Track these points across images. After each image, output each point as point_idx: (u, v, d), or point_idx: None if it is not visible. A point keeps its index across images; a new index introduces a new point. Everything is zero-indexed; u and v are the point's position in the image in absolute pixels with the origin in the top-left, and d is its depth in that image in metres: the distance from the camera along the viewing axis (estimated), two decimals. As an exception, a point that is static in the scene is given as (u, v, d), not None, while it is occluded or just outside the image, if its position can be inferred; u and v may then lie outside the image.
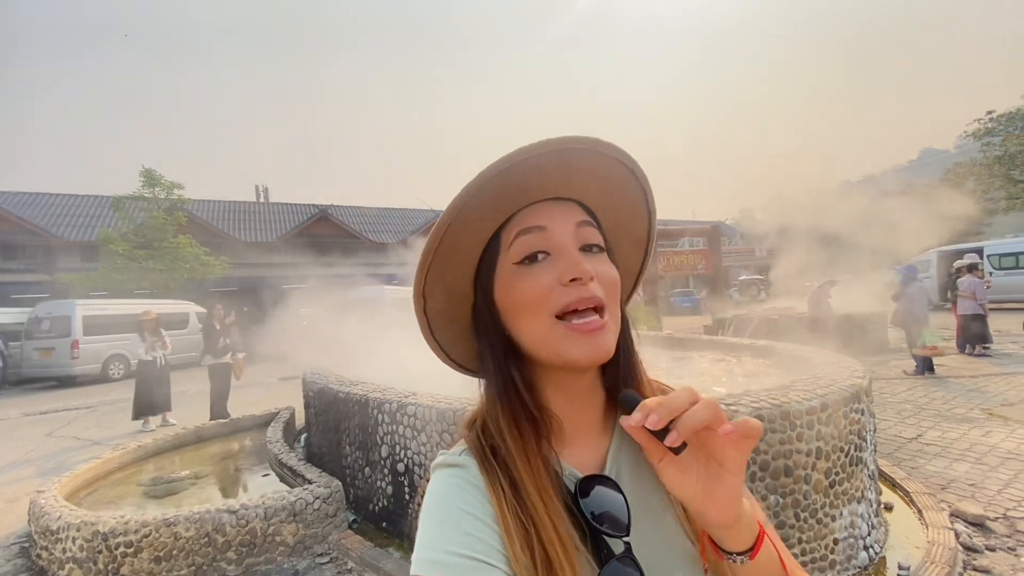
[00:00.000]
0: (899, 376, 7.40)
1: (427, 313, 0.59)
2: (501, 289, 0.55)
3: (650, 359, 3.91)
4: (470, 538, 0.47)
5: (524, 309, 0.53)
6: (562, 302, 0.51)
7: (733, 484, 0.45)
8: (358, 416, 3.54)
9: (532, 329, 0.53)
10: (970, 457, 4.11)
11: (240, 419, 6.12)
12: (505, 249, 0.55)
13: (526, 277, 0.53)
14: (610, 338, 0.52)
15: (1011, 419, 4.98)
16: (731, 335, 9.60)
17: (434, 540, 0.47)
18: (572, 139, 0.51)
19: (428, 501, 0.51)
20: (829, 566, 2.51)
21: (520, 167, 0.51)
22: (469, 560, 0.45)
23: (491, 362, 0.57)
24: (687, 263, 13.83)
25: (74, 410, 9.27)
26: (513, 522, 0.48)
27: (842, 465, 2.59)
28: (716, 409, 0.44)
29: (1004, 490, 3.51)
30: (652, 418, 0.43)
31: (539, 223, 0.54)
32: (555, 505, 0.50)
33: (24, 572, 3.26)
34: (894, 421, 5.19)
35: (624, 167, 0.56)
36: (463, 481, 0.52)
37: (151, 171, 18.52)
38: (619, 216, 0.60)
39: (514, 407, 0.54)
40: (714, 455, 0.45)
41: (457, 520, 0.48)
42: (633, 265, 0.66)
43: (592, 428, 0.58)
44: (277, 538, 3.12)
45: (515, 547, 0.47)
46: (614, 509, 0.50)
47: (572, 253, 0.52)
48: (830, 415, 2.54)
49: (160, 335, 7.29)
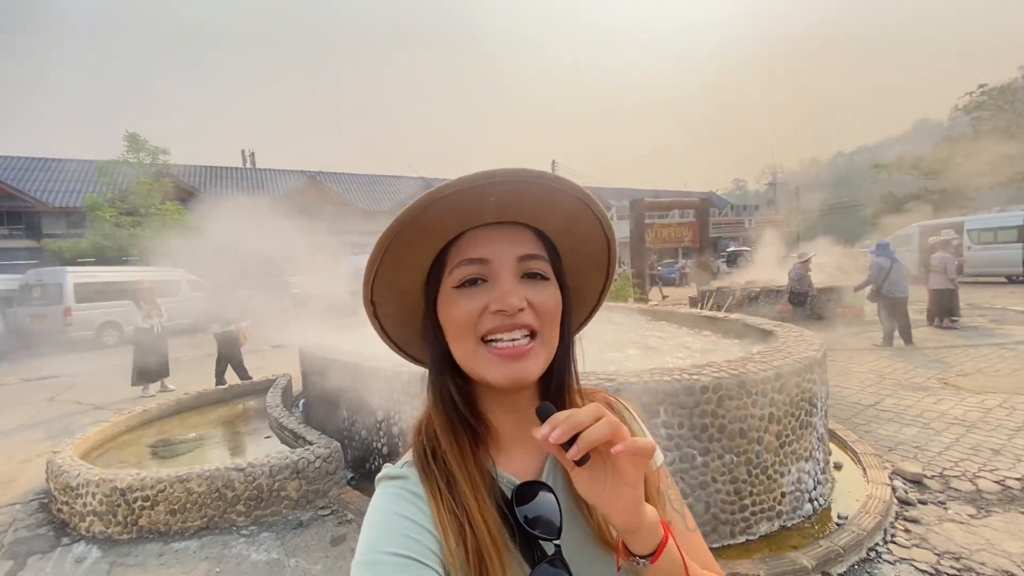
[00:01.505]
0: (868, 347, 7.79)
1: (378, 317, 0.62)
2: (442, 306, 0.58)
3: (632, 330, 4.20)
4: (405, 539, 0.50)
5: (455, 330, 0.57)
6: (486, 327, 0.55)
7: (631, 496, 0.48)
8: (354, 383, 3.79)
9: (460, 349, 0.57)
10: (919, 422, 4.48)
11: (239, 385, 6.37)
12: (448, 272, 0.57)
13: (461, 301, 0.56)
14: (534, 364, 0.56)
15: (963, 388, 5.36)
16: (712, 307, 9.93)
17: (370, 544, 0.50)
18: (523, 172, 0.53)
19: (369, 512, 0.54)
20: (776, 516, 2.85)
21: (470, 192, 0.52)
22: (401, 559, 0.48)
23: (432, 371, 0.61)
24: (674, 235, 14.03)
25: (72, 376, 9.46)
26: (448, 518, 0.52)
27: (792, 428, 2.89)
28: (614, 428, 0.46)
29: (944, 452, 3.88)
30: (556, 432, 0.46)
31: (480, 255, 0.56)
32: (487, 506, 0.54)
33: (46, 525, 3.53)
34: (856, 389, 5.56)
35: (577, 199, 0.57)
36: (403, 491, 0.55)
37: (135, 135, 18.20)
38: (576, 242, 0.62)
39: (449, 415, 0.59)
40: (616, 468, 0.48)
41: (393, 524, 0.51)
42: (595, 286, 0.68)
43: (529, 440, 0.58)
44: (282, 493, 3.41)
45: (449, 542, 0.51)
46: (548, 513, 0.52)
47: (504, 285, 0.55)
48: (783, 384, 2.83)
49: (155, 303, 7.45)
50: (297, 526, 3.30)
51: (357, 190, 29.33)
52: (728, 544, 2.73)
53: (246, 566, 2.91)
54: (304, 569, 2.85)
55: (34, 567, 3.04)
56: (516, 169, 0.52)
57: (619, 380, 2.73)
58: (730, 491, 2.73)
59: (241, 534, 3.23)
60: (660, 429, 2.67)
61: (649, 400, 2.67)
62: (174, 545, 3.15)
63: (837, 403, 5.10)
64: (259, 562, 2.94)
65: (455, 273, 0.56)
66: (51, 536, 3.37)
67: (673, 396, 2.66)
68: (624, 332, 5.20)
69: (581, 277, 0.66)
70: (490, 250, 0.56)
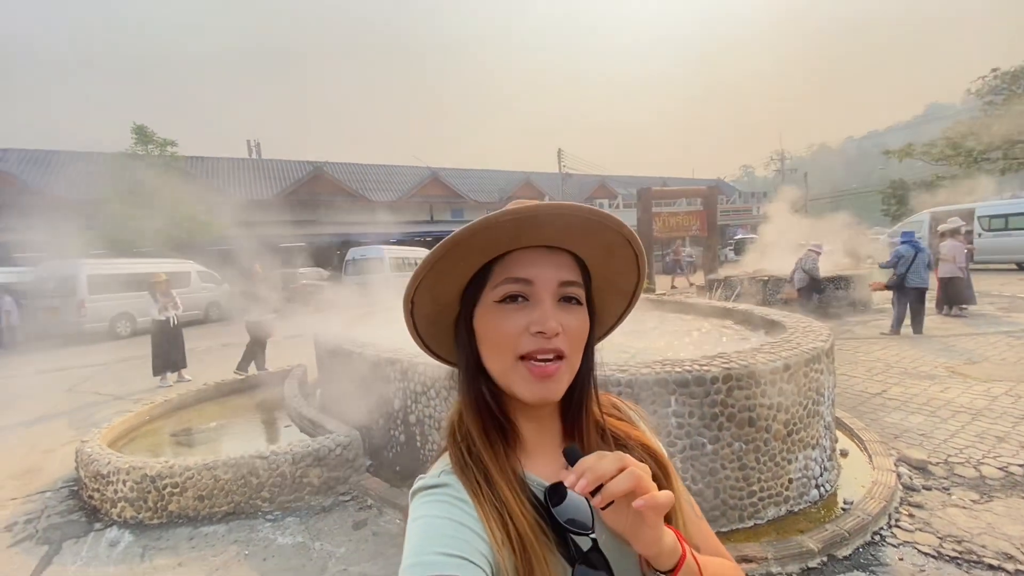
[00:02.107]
0: (876, 335, 7.82)
1: (414, 316, 0.65)
2: (480, 318, 0.61)
3: (638, 321, 4.27)
4: (454, 540, 0.51)
5: (494, 344, 0.60)
6: (526, 348, 0.58)
7: (651, 535, 0.52)
8: (371, 374, 3.89)
9: (496, 362, 0.60)
10: (926, 410, 4.54)
11: (256, 375, 6.51)
12: (492, 286, 0.60)
13: (502, 317, 0.59)
14: (560, 384, 0.60)
15: (970, 376, 5.40)
16: (720, 296, 9.97)
17: (418, 547, 0.50)
18: (576, 207, 0.57)
19: (412, 520, 0.55)
20: (783, 501, 2.93)
21: (526, 220, 0.57)
22: (453, 558, 0.49)
23: (465, 374, 0.64)
24: (682, 224, 14.01)
25: (88, 367, 9.66)
26: (492, 513, 0.54)
27: (800, 417, 2.96)
28: (637, 480, 0.49)
29: (950, 439, 3.94)
30: (581, 483, 0.49)
31: (527, 276, 0.59)
32: (522, 499, 0.57)
33: (78, 511, 3.68)
34: (863, 378, 5.62)
35: (622, 236, 0.62)
36: (447, 496, 0.56)
37: (143, 128, 18.30)
38: (609, 273, 0.67)
39: (483, 416, 0.62)
40: (637, 510, 0.50)
41: (439, 527, 0.52)
42: (616, 310, 0.73)
43: (552, 446, 0.65)
44: (304, 480, 3.53)
45: (496, 536, 0.53)
46: (580, 510, 0.55)
47: (546, 308, 0.59)
48: (791, 374, 2.90)
49: (171, 296, 7.59)
50: (320, 511, 3.42)
51: (363, 180, 29.34)
52: (736, 528, 2.83)
53: (273, 549, 3.04)
54: (328, 552, 2.98)
55: (70, 551, 3.18)
56: (571, 204, 0.57)
57: (631, 371, 2.81)
58: (739, 477, 2.82)
59: (267, 519, 3.36)
60: (671, 418, 2.75)
61: (660, 390, 2.75)
62: (203, 529, 3.28)
63: (844, 391, 5.16)
64: (285, 545, 3.07)
65: (499, 288, 0.59)
66: (83, 522, 3.52)
67: (684, 386, 2.74)
68: (634, 323, 5.27)
69: (605, 302, 0.70)
70: (535, 271, 0.59)
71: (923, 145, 24.60)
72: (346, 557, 2.92)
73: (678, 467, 2.76)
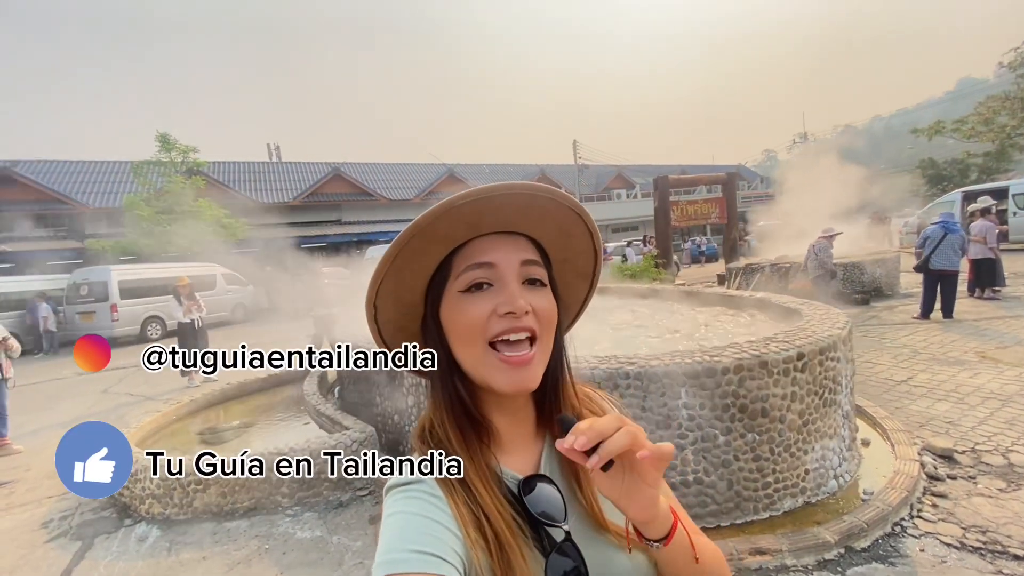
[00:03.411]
0: (903, 321, 7.59)
1: (378, 322, 0.64)
2: (446, 311, 0.61)
3: (655, 311, 4.24)
4: (427, 537, 0.50)
5: (463, 333, 0.59)
6: (495, 330, 0.58)
7: (650, 494, 0.52)
8: (386, 371, 3.95)
9: (468, 353, 0.60)
10: (953, 397, 4.40)
11: (277, 374, 6.66)
12: (455, 277, 0.60)
13: (468, 305, 0.59)
14: (536, 371, 0.59)
15: (1001, 361, 5.20)
16: (739, 285, 9.78)
17: (391, 543, 0.50)
18: (530, 186, 0.57)
19: (385, 516, 0.54)
20: (800, 492, 2.88)
21: (483, 202, 0.56)
22: (424, 555, 0.48)
23: (438, 375, 0.63)
24: (700, 212, 13.76)
25: (122, 369, 10.01)
26: (466, 511, 0.54)
27: (816, 407, 2.90)
28: (635, 436, 0.49)
29: (978, 427, 3.81)
30: (581, 440, 0.48)
31: (488, 259, 0.59)
32: (499, 496, 0.57)
33: (109, 508, 3.83)
34: (888, 365, 5.46)
35: (572, 211, 0.62)
36: (420, 493, 0.55)
37: (166, 135, 18.78)
38: (569, 254, 0.67)
39: (457, 414, 0.61)
40: (635, 469, 0.51)
41: (412, 523, 0.52)
42: (578, 295, 0.73)
43: (526, 438, 0.65)
44: (322, 475, 3.61)
45: (470, 533, 0.52)
46: (552, 502, 0.56)
47: (512, 288, 0.58)
48: (806, 363, 2.84)
49: (195, 299, 7.81)
50: (338, 506, 3.50)
51: (381, 180, 29.62)
52: (752, 520, 2.79)
53: (292, 543, 3.12)
54: (346, 546, 3.04)
55: (101, 546, 3.32)
56: (524, 183, 0.57)
57: (640, 363, 2.79)
58: (753, 469, 2.77)
59: (287, 514, 3.45)
60: (682, 410, 2.72)
61: (670, 382, 2.72)
62: (226, 524, 3.39)
63: (868, 379, 5.03)
64: (305, 539, 3.14)
65: (463, 277, 0.59)
66: (114, 518, 3.66)
67: (694, 378, 2.71)
68: (647, 314, 5.22)
69: (568, 286, 0.70)
70: (496, 255, 0.59)
71: (954, 122, 23.65)
72: (363, 551, 2.98)
73: (689, 459, 2.73)
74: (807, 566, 2.46)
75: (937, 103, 67.18)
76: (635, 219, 30.79)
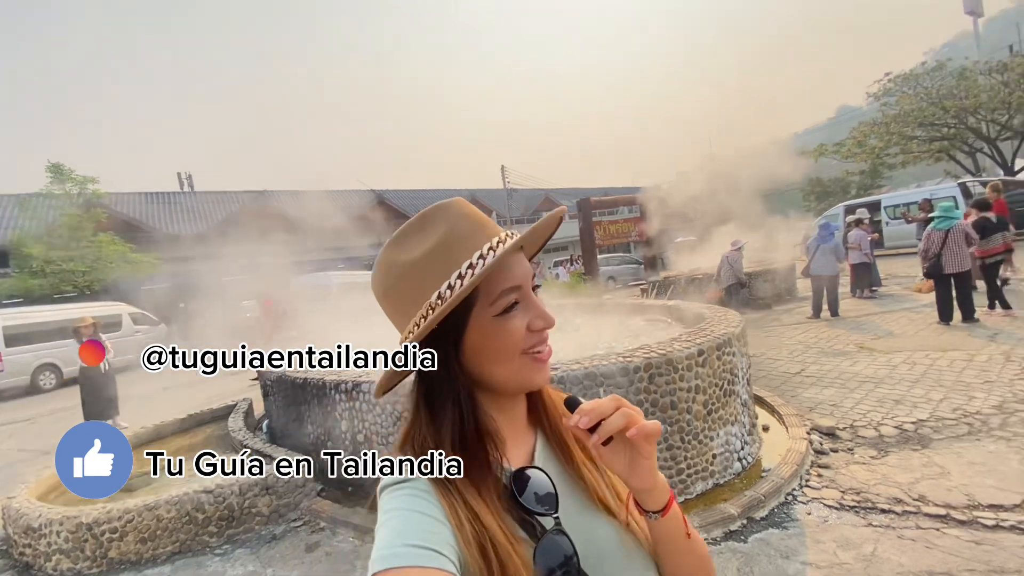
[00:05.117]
0: (799, 321, 8.48)
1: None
2: (476, 334, 0.61)
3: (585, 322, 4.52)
4: (423, 532, 0.51)
5: (501, 352, 0.61)
6: (529, 343, 0.62)
7: (647, 463, 0.58)
8: (317, 397, 3.92)
9: (504, 368, 0.62)
10: (837, 383, 5.02)
11: (198, 413, 6.30)
12: (488, 301, 0.60)
13: (507, 325, 0.61)
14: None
15: (875, 351, 5.99)
16: (656, 297, 10.48)
17: (389, 539, 0.51)
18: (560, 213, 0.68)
19: (381, 514, 0.55)
20: (709, 475, 3.21)
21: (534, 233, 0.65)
22: (421, 550, 0.49)
23: (451, 396, 0.62)
24: (622, 231, 14.62)
25: (10, 424, 8.96)
26: (462, 512, 0.55)
27: (717, 397, 3.27)
28: (630, 416, 0.56)
29: (856, 407, 4.39)
30: (584, 420, 0.55)
31: (517, 283, 0.62)
32: (493, 499, 0.58)
33: (9, 570, 3.48)
34: (785, 360, 6.11)
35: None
36: (414, 490, 0.57)
37: (59, 165, 17.26)
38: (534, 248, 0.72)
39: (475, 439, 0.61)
40: (632, 443, 0.57)
41: (409, 519, 0.53)
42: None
43: (520, 431, 0.69)
44: (253, 510, 3.51)
45: (465, 533, 0.54)
46: (544, 492, 0.59)
47: (539, 305, 0.63)
48: (705, 359, 3.20)
49: (101, 341, 7.22)
50: (271, 539, 3.41)
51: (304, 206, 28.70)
52: (669, 505, 3.06)
53: (223, 581, 3.01)
54: None
55: (0, 613, 3.03)
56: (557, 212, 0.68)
57: (562, 368, 3.02)
58: (667, 457, 3.07)
59: (215, 554, 3.31)
60: (601, 409, 2.97)
61: (590, 383, 2.97)
62: (147, 572, 3.20)
63: (768, 372, 5.61)
64: (236, 576, 3.05)
65: (499, 302, 0.60)
66: (14, 581, 3.34)
67: (610, 377, 2.98)
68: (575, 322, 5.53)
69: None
70: (518, 276, 0.62)
71: (834, 145, 26.78)
72: (299, 579, 2.94)
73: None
74: (716, 538, 2.75)
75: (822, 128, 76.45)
76: (564, 239, 31.91)
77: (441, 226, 0.61)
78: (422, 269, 0.60)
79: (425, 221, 0.63)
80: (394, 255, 0.63)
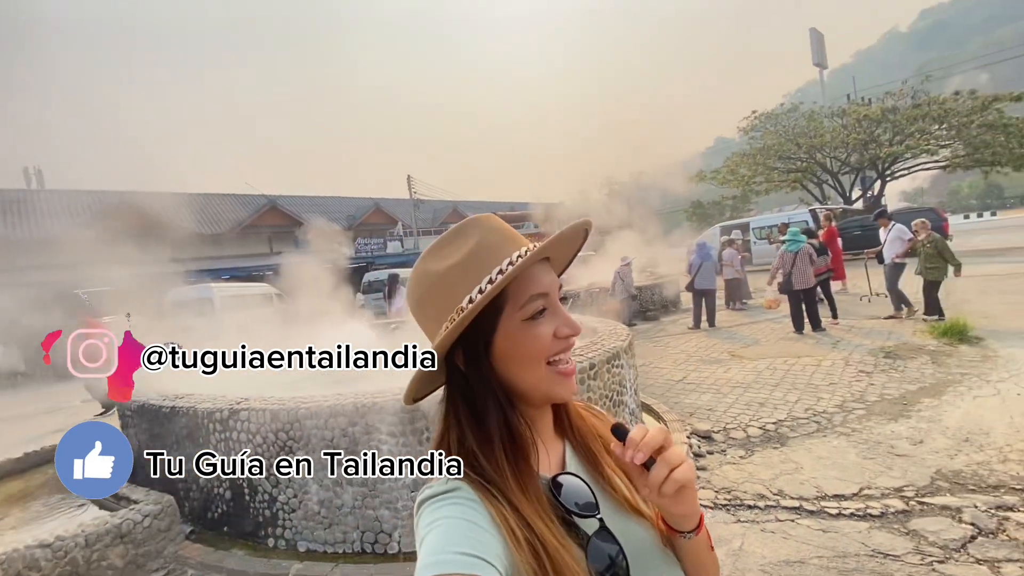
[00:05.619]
0: (682, 331, 9.24)
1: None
2: (505, 338, 0.63)
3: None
4: (469, 539, 0.52)
5: (528, 356, 0.63)
6: (554, 350, 0.63)
7: (691, 495, 0.58)
8: (187, 428, 3.51)
9: (530, 374, 0.64)
10: (712, 389, 5.53)
11: (37, 452, 5.36)
12: (516, 307, 0.62)
13: (535, 330, 0.63)
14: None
15: (744, 358, 6.70)
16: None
17: (436, 546, 0.51)
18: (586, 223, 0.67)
19: (425, 524, 0.56)
20: (600, 485, 3.35)
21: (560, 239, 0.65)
22: (469, 557, 0.49)
23: (490, 395, 0.64)
24: (524, 245, 15.00)
25: None
26: (509, 513, 0.56)
27: (608, 408, 3.43)
28: (681, 453, 0.57)
29: (728, 410, 4.86)
30: (639, 455, 0.55)
31: (544, 289, 0.64)
32: (549, 517, 0.59)
33: None
34: (670, 368, 6.62)
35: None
36: (459, 499, 0.57)
37: None
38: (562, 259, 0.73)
39: (502, 432, 0.63)
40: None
41: (455, 527, 0.53)
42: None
43: (550, 440, 0.70)
44: (103, 563, 3.04)
45: (516, 535, 0.54)
46: (583, 495, 0.61)
47: (565, 313, 0.65)
48: (596, 371, 3.36)
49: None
50: (125, 595, 2.97)
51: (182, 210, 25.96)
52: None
53: (59, 653, 2.56)
54: (136, 638, 2.61)
55: None
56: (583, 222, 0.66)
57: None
58: (561, 470, 3.15)
59: (50, 620, 2.81)
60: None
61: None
62: (-46, 654, 2.63)
63: (655, 381, 6.02)
64: (77, 645, 2.61)
65: (528, 307, 0.62)
66: None
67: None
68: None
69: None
70: (546, 284, 0.64)
71: (711, 172, 29.85)
72: (159, 639, 2.59)
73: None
74: (605, 547, 2.86)
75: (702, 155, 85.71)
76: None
77: (472, 238, 0.64)
78: (454, 278, 0.62)
79: (457, 234, 0.66)
80: (427, 266, 0.65)
